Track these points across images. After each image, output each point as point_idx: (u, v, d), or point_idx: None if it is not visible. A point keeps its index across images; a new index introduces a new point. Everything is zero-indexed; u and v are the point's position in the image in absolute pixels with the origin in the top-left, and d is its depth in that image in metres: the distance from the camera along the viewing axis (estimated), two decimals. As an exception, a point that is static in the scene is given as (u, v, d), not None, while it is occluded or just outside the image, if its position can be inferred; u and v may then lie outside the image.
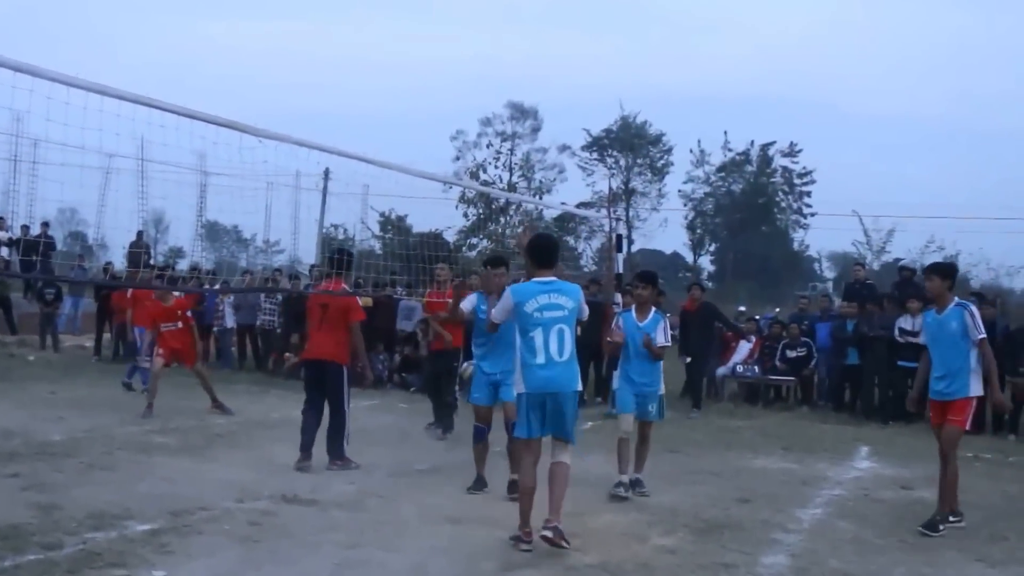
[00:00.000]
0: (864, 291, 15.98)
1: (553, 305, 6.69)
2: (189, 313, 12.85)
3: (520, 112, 47.90)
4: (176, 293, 13.09)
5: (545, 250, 6.98)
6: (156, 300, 12.79)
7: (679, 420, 13.09)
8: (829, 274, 53.83)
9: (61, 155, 20.11)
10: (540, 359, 6.62)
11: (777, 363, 16.22)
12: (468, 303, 8.26)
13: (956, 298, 7.87)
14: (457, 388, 11.60)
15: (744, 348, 16.74)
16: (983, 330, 7.68)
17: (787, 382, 16.31)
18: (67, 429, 10.63)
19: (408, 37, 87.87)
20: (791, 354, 16.17)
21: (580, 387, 6.91)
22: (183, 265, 26.99)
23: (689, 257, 55.53)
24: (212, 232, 53.72)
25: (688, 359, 15.49)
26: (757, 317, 19.14)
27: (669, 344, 8.83)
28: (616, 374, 8.91)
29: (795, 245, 55.51)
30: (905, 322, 14.41)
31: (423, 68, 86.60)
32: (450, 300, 9.03)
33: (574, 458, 6.88)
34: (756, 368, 16.37)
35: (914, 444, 11.82)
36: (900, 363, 14.24)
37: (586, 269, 41.16)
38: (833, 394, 15.91)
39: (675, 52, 76.04)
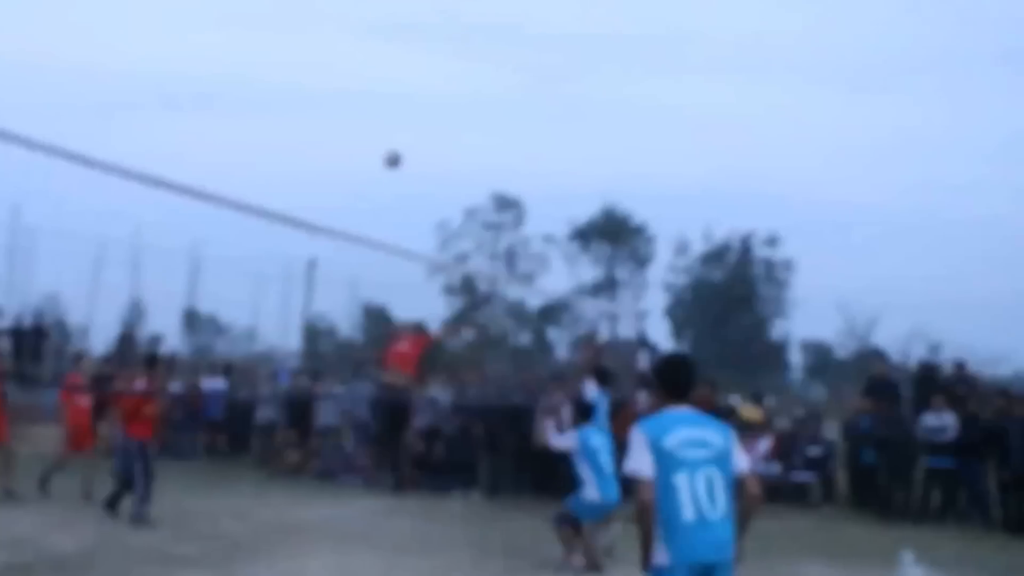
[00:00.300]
0: (887, 388, 15.63)
1: (698, 441, 4.91)
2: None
3: (504, 203, 47.99)
4: None
5: (678, 374, 5.25)
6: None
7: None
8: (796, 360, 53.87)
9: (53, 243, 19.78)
10: (688, 514, 4.72)
11: (797, 461, 15.80)
12: (568, 438, 7.72)
13: None
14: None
15: (763, 445, 16.31)
16: None
17: (809, 480, 15.84)
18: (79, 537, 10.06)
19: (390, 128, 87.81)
20: (811, 452, 15.77)
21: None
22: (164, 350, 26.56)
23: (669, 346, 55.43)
24: (192, 320, 52.91)
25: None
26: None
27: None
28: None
29: (775, 335, 55.55)
30: (929, 419, 14.12)
31: (407, 158, 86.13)
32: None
33: None
34: (777, 466, 15.90)
35: (962, 548, 11.41)
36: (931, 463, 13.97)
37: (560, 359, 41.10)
38: (856, 493, 15.46)
39: (659, 145, 76.65)
